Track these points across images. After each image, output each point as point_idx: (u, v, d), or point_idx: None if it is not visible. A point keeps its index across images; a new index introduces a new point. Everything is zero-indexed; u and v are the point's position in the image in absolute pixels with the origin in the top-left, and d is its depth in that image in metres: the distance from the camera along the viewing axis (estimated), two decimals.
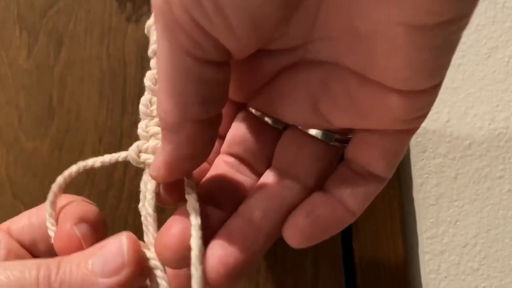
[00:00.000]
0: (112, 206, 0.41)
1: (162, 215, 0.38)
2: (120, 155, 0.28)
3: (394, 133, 0.19)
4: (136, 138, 0.42)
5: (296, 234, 0.21)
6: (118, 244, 0.23)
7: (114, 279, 0.22)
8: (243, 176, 0.23)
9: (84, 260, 0.22)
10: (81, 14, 0.42)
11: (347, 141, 0.21)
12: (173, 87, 0.18)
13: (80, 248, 0.24)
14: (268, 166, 0.23)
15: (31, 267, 0.22)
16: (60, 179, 0.28)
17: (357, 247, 0.38)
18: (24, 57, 0.43)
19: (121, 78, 0.42)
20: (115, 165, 0.29)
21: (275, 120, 0.23)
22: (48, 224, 0.26)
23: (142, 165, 0.27)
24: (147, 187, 0.26)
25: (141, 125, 0.28)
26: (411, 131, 0.19)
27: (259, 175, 0.23)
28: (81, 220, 0.25)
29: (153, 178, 0.22)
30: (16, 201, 0.42)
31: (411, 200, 0.39)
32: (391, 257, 0.38)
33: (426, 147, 0.38)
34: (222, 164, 0.24)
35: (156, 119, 0.28)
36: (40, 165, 0.42)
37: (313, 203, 0.21)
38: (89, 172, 0.41)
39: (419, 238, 0.39)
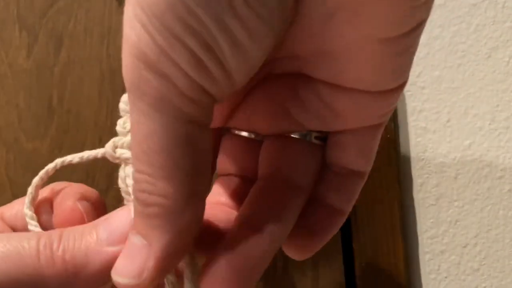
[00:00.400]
0: (112, 206, 0.41)
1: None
2: (99, 152, 0.27)
3: (367, 129, 0.20)
4: None
5: (297, 250, 0.22)
6: (126, 212, 0.22)
7: (121, 247, 0.20)
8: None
9: (88, 229, 0.21)
10: (81, 14, 0.42)
11: (326, 139, 0.22)
12: (174, 164, 0.16)
13: (82, 223, 0.23)
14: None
15: (30, 237, 0.21)
16: (36, 179, 0.27)
17: (357, 247, 0.38)
18: (24, 57, 0.43)
19: (120, 78, 0.41)
20: (115, 164, 0.29)
21: (252, 133, 0.23)
22: (31, 227, 0.25)
23: (117, 161, 0.27)
24: (127, 182, 0.26)
25: (120, 122, 0.28)
26: (382, 124, 0.20)
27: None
28: (83, 198, 0.24)
29: (132, 287, 0.18)
30: None
31: (411, 200, 0.39)
32: (391, 257, 0.38)
33: (426, 147, 0.38)
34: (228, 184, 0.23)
35: None
36: (40, 165, 0.42)
37: (305, 214, 0.21)
38: (89, 172, 0.41)
39: (419, 238, 0.39)
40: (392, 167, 0.38)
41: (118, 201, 0.44)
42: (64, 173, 0.43)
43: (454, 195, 0.38)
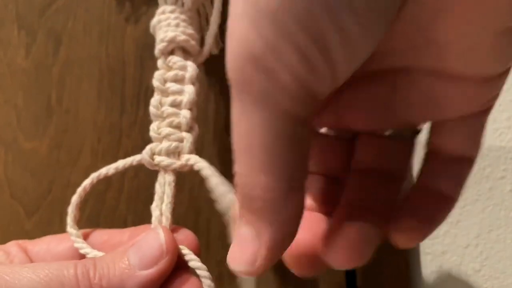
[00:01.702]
0: (111, 208, 0.41)
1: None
2: (134, 159, 0.28)
3: (473, 115, 0.20)
4: (135, 138, 0.42)
5: (406, 235, 0.22)
6: (155, 235, 0.23)
7: (153, 270, 0.22)
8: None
9: (118, 256, 0.23)
10: (80, 13, 0.42)
11: (418, 132, 0.22)
12: (275, 159, 0.16)
13: None
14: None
15: (67, 266, 0.22)
16: (75, 198, 0.28)
17: None
18: (22, 56, 0.43)
19: (120, 77, 0.41)
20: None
21: (341, 130, 0.23)
22: (77, 245, 0.26)
23: (156, 167, 0.27)
24: (165, 190, 0.26)
25: (153, 127, 0.28)
26: (489, 109, 0.20)
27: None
28: None
29: (246, 274, 0.19)
30: (14, 201, 0.42)
31: None
32: (392, 258, 0.37)
33: None
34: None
35: (168, 120, 0.28)
36: (39, 165, 0.42)
37: (414, 202, 0.22)
38: (88, 172, 0.41)
39: None
40: None
41: (117, 202, 0.44)
42: (63, 174, 0.43)
43: None
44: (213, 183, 0.25)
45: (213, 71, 0.40)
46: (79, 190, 0.28)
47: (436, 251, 0.38)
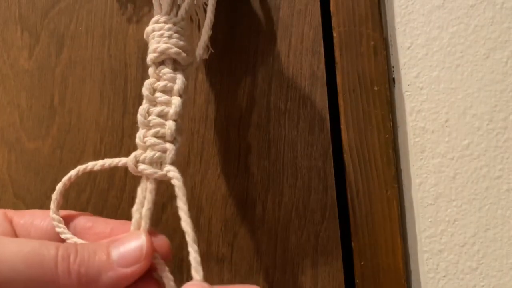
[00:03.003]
0: (113, 206, 0.41)
1: (162, 214, 0.38)
2: (120, 161, 0.29)
3: None
4: None
5: None
6: (137, 238, 0.25)
7: (130, 269, 0.24)
8: None
9: (100, 248, 0.24)
10: (82, 14, 0.42)
11: None
12: None
13: None
14: None
15: (49, 247, 0.23)
16: (60, 186, 0.29)
17: (356, 247, 0.38)
18: (25, 57, 0.43)
19: (122, 78, 0.42)
20: (116, 167, 0.30)
21: None
22: (59, 230, 0.27)
23: (139, 174, 0.28)
24: (146, 195, 0.27)
25: (139, 135, 0.29)
26: None
27: None
28: None
29: None
30: (17, 200, 0.42)
31: (409, 199, 0.39)
32: (390, 257, 0.38)
33: (425, 147, 0.39)
34: None
35: (154, 130, 0.28)
36: (42, 165, 0.42)
37: None
38: (90, 172, 0.41)
39: (418, 237, 0.39)
40: (391, 167, 0.38)
41: (119, 201, 0.44)
42: (66, 175, 0.43)
43: (452, 194, 0.38)
44: (179, 204, 0.27)
45: (213, 71, 0.41)
46: (64, 178, 0.29)
47: (433, 250, 0.38)
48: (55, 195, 0.29)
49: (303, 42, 0.39)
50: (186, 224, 0.26)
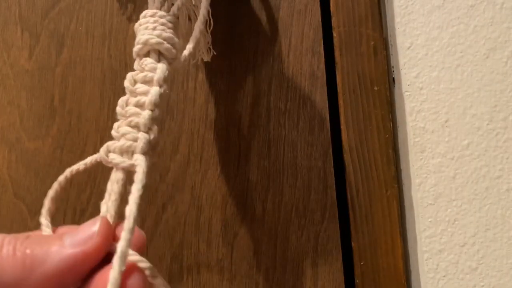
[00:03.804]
0: None
1: (163, 215, 0.38)
2: (99, 156, 0.28)
3: None
4: None
5: None
6: (92, 222, 0.24)
7: (79, 249, 0.22)
8: None
9: (54, 237, 0.23)
10: (82, 15, 0.42)
11: None
12: None
13: None
14: None
15: None
16: (51, 192, 0.28)
17: (356, 247, 0.38)
18: (25, 57, 0.43)
19: (122, 78, 0.42)
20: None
21: None
22: (46, 234, 0.26)
23: (110, 165, 0.27)
24: (113, 187, 0.26)
25: (115, 126, 0.28)
26: None
27: None
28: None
29: None
30: (17, 200, 0.42)
31: (410, 199, 0.39)
32: (390, 256, 0.38)
33: (425, 147, 0.39)
34: None
35: (128, 119, 0.28)
36: (42, 165, 0.42)
37: None
38: (90, 172, 0.41)
39: (418, 237, 0.39)
40: (391, 167, 0.38)
41: (120, 202, 0.44)
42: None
43: (452, 194, 0.38)
44: (132, 188, 0.25)
45: (213, 71, 0.41)
46: (55, 185, 0.29)
47: (433, 250, 0.38)
48: (46, 201, 0.28)
49: (303, 42, 0.39)
50: (129, 210, 0.24)
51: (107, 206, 0.26)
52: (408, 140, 0.39)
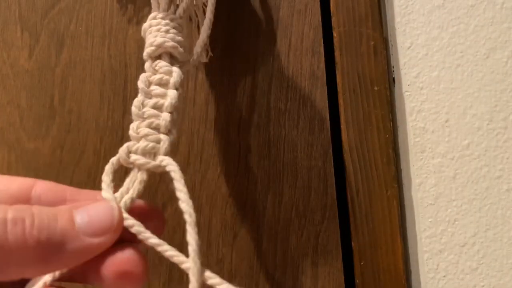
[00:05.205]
0: None
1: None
2: (119, 157, 0.28)
3: None
4: None
5: None
6: (108, 208, 0.22)
7: (98, 240, 0.21)
8: None
9: (61, 214, 0.20)
10: (82, 15, 0.42)
11: None
12: None
13: None
14: None
15: None
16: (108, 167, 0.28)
17: (356, 247, 0.38)
18: (25, 57, 0.43)
19: (122, 78, 0.42)
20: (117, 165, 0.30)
21: None
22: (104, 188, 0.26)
23: (131, 165, 0.27)
24: (135, 187, 0.26)
25: (133, 126, 0.28)
26: None
27: None
28: None
29: None
30: None
31: (410, 199, 0.39)
32: (390, 257, 0.38)
33: (425, 147, 0.39)
34: None
35: (148, 121, 0.28)
36: (42, 165, 0.42)
37: None
38: (90, 172, 0.41)
39: (418, 237, 0.39)
40: (391, 167, 0.38)
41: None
42: (66, 174, 0.43)
43: (452, 194, 0.38)
44: (177, 186, 0.25)
45: (213, 71, 0.41)
46: (113, 159, 0.28)
47: (434, 250, 0.38)
48: (105, 175, 0.28)
49: (303, 42, 0.39)
50: (186, 204, 0.24)
51: (124, 200, 0.25)
52: (408, 140, 0.39)
